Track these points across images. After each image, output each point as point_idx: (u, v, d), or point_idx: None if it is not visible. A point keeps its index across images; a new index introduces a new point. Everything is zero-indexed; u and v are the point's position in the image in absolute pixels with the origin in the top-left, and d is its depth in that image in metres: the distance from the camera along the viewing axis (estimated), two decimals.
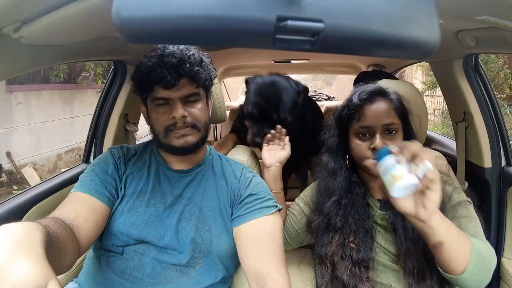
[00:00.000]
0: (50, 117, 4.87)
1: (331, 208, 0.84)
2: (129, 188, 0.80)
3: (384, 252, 0.81)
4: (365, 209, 0.83)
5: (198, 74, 0.76)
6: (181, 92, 0.76)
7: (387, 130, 0.78)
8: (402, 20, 0.34)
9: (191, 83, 0.77)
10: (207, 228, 0.78)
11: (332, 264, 0.82)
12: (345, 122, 0.83)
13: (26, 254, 0.37)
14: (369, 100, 0.79)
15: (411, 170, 0.63)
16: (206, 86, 0.82)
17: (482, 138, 1.17)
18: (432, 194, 0.63)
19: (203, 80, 0.78)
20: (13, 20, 0.59)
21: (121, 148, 0.87)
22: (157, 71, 0.73)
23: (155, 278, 0.74)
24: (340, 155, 0.87)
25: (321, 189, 0.89)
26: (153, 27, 0.30)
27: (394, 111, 0.79)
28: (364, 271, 0.78)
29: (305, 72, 4.64)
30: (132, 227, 0.75)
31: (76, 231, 0.64)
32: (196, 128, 0.79)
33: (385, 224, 0.81)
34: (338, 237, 0.82)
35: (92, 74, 5.52)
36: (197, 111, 0.79)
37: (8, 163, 4.25)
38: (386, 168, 0.65)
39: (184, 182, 0.82)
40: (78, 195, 0.74)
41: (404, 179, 0.62)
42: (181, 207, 0.79)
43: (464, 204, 0.80)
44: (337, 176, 0.85)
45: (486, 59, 4.77)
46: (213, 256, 0.77)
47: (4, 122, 4.16)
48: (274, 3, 0.30)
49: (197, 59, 0.77)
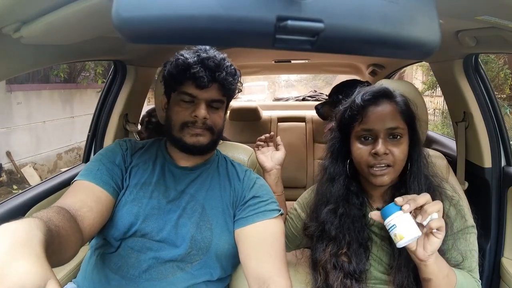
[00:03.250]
0: (50, 116, 4.87)
1: (326, 216, 0.82)
2: (133, 179, 0.81)
3: (379, 263, 0.80)
4: (361, 221, 0.80)
5: (229, 84, 0.80)
6: (209, 95, 0.79)
7: (391, 134, 0.73)
8: (402, 20, 0.34)
9: (220, 90, 0.80)
10: (208, 227, 0.79)
11: (325, 272, 0.81)
12: (347, 124, 0.78)
13: (25, 254, 0.37)
14: (373, 101, 0.75)
15: (417, 219, 0.65)
16: (229, 97, 0.86)
17: (482, 138, 1.17)
18: (434, 239, 0.64)
19: (231, 90, 0.83)
20: (13, 20, 0.59)
21: (129, 140, 0.89)
22: (195, 68, 0.75)
23: (151, 274, 0.74)
24: (340, 160, 0.83)
25: (319, 194, 0.86)
26: (153, 27, 0.30)
27: (399, 114, 0.75)
28: (355, 284, 0.77)
29: (305, 72, 4.65)
30: (134, 217, 0.76)
31: (80, 220, 0.65)
32: (211, 131, 0.81)
33: (382, 234, 0.80)
34: (332, 247, 0.80)
35: (92, 73, 5.53)
36: (217, 117, 0.82)
37: (8, 163, 4.25)
38: (389, 227, 0.66)
39: (188, 178, 0.83)
40: (84, 184, 0.74)
41: (406, 238, 0.64)
42: (184, 203, 0.80)
43: (466, 232, 0.77)
44: (336, 183, 0.82)
45: (486, 59, 4.77)
46: (211, 254, 0.78)
47: (4, 121, 4.17)
48: (274, 3, 0.30)
49: (232, 70, 0.81)
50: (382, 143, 0.72)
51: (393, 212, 0.65)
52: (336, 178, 0.83)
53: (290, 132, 2.21)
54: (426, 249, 0.65)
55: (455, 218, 0.77)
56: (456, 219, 0.77)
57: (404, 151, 0.74)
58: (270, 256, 0.75)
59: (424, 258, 0.65)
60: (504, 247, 1.14)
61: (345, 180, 0.82)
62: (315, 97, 3.31)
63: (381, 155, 0.72)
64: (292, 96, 3.70)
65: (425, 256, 0.65)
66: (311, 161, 2.15)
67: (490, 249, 1.15)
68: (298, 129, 2.24)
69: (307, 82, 15.99)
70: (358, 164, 0.77)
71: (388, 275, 0.78)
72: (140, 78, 1.28)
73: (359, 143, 0.76)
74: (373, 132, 0.74)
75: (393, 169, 0.74)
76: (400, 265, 0.74)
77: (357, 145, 0.76)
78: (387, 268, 0.78)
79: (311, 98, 3.29)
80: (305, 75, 14.27)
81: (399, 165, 0.74)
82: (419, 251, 0.65)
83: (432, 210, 0.64)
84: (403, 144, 0.74)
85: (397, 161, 0.73)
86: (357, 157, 0.76)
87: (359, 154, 0.75)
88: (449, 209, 0.77)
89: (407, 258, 0.73)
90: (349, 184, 0.82)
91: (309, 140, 2.20)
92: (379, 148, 0.72)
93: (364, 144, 0.75)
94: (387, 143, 0.73)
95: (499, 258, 1.14)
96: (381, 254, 0.79)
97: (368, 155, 0.74)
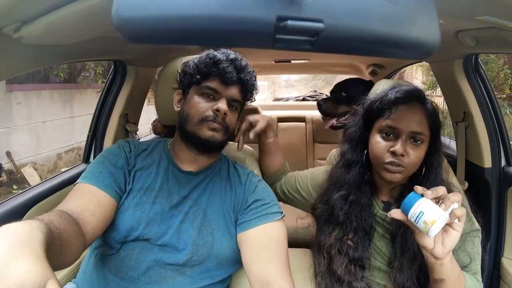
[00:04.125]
0: (50, 116, 4.87)
1: (337, 201, 0.83)
2: (137, 183, 0.80)
3: (379, 254, 0.80)
4: (369, 209, 0.81)
5: (251, 87, 0.84)
6: (231, 93, 0.81)
7: (413, 137, 0.74)
8: (402, 20, 0.34)
9: (241, 92, 0.83)
10: (210, 231, 0.78)
11: (329, 256, 0.81)
12: (373, 115, 0.79)
13: (25, 254, 0.37)
14: (404, 100, 0.74)
15: (441, 207, 0.63)
16: (245, 101, 0.88)
17: (482, 138, 1.17)
18: (454, 233, 0.63)
19: (249, 94, 0.87)
20: (13, 20, 0.59)
21: (132, 142, 0.88)
22: (224, 64, 0.78)
23: (150, 277, 0.74)
24: (360, 149, 0.84)
25: (333, 178, 0.87)
26: (153, 27, 0.30)
27: (426, 120, 0.74)
28: (359, 270, 0.77)
29: (305, 72, 4.64)
30: (136, 222, 0.75)
31: (82, 224, 0.64)
32: (226, 130, 0.81)
33: (385, 225, 0.81)
34: (338, 231, 0.81)
35: (92, 73, 5.53)
36: (232, 117, 0.84)
37: (8, 163, 4.25)
38: (416, 217, 0.63)
39: (192, 184, 0.83)
40: (87, 188, 0.73)
41: (437, 222, 0.61)
42: (186, 208, 0.79)
43: (473, 235, 0.77)
44: (351, 170, 0.83)
45: (486, 59, 4.77)
46: (213, 259, 0.77)
47: (4, 121, 4.16)
48: (274, 3, 0.30)
49: (253, 76, 0.85)
50: (402, 144, 0.73)
51: (416, 201, 0.64)
52: (352, 165, 0.83)
53: (290, 132, 2.21)
54: (445, 244, 0.63)
55: None
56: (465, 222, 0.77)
57: (420, 156, 0.75)
58: (273, 258, 0.75)
59: (442, 256, 0.64)
60: (504, 247, 1.14)
61: (361, 168, 0.82)
62: (315, 97, 3.31)
63: (398, 155, 0.72)
64: (292, 96, 3.70)
65: (443, 253, 0.64)
66: (311, 161, 2.15)
67: (490, 249, 1.15)
68: (298, 129, 2.24)
69: (307, 82, 15.99)
70: (373, 157, 0.78)
71: (386, 266, 0.79)
72: (140, 78, 1.28)
73: (380, 137, 0.76)
74: (396, 131, 0.74)
75: (406, 170, 0.74)
76: (402, 265, 0.74)
77: (377, 139, 0.77)
78: (386, 261, 0.79)
79: (311, 98, 3.30)
80: (305, 75, 14.25)
81: (412, 168, 0.75)
82: (437, 249, 0.64)
83: (454, 199, 0.63)
84: (422, 149, 0.74)
85: (410, 164, 0.74)
86: (374, 150, 0.77)
87: (377, 147, 0.76)
88: None
89: (410, 259, 0.73)
90: (364, 173, 0.82)
91: (309, 140, 2.20)
92: (397, 148, 0.72)
93: (385, 140, 0.76)
94: (407, 144, 0.73)
95: (499, 258, 1.14)
96: (381, 245, 0.80)
97: (386, 151, 0.74)
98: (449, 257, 0.65)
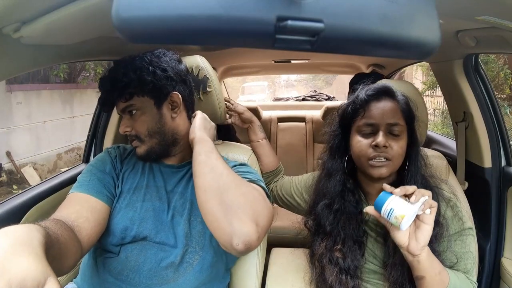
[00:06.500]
0: (50, 116, 4.88)
1: (321, 211, 0.83)
2: (125, 184, 0.82)
3: (374, 257, 0.81)
4: (357, 218, 0.81)
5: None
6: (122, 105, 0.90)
7: (391, 130, 0.76)
8: (402, 20, 0.34)
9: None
10: (200, 220, 0.78)
11: (321, 265, 0.82)
12: (349, 118, 0.81)
13: (26, 253, 0.38)
14: (375, 97, 0.78)
15: (411, 200, 0.67)
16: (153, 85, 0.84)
17: (482, 138, 1.17)
18: (425, 226, 0.66)
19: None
20: (13, 20, 0.59)
21: (117, 147, 0.90)
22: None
23: (151, 279, 0.74)
24: (339, 156, 0.85)
25: (318, 187, 0.88)
26: (153, 27, 0.30)
27: (400, 112, 0.77)
28: (350, 279, 0.78)
29: (305, 72, 4.65)
30: (130, 222, 0.76)
31: (78, 231, 0.64)
32: (139, 139, 0.82)
33: (378, 230, 0.81)
34: (327, 242, 0.82)
35: (92, 73, 5.53)
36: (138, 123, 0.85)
37: (8, 163, 4.25)
38: (388, 213, 0.68)
39: (176, 177, 0.84)
40: (78, 196, 0.74)
41: (407, 216, 0.65)
42: (174, 202, 0.80)
43: (464, 234, 0.77)
44: (332, 178, 0.84)
45: (486, 59, 4.77)
46: (209, 248, 0.77)
47: (4, 121, 4.17)
48: (274, 3, 0.30)
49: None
50: (382, 136, 0.75)
51: (387, 199, 0.68)
52: (333, 174, 0.84)
53: (290, 132, 2.22)
54: (418, 240, 0.67)
55: (451, 220, 0.77)
56: (453, 221, 0.77)
57: (403, 147, 0.77)
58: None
59: (418, 252, 0.66)
60: (504, 247, 1.14)
61: (342, 176, 0.83)
62: (315, 97, 3.31)
63: (381, 147, 0.74)
64: (292, 96, 3.70)
65: (418, 249, 0.66)
66: (311, 161, 2.15)
67: (490, 249, 1.15)
68: (298, 129, 2.24)
69: (307, 82, 15.99)
70: (357, 157, 0.79)
71: (383, 269, 0.79)
72: None
73: (360, 136, 0.78)
74: (374, 126, 0.76)
75: (392, 163, 0.76)
76: (395, 263, 0.75)
77: (358, 138, 0.78)
78: (382, 263, 0.79)
79: (311, 98, 3.29)
80: (305, 75, 14.26)
81: (397, 160, 0.76)
82: (412, 245, 0.67)
83: (423, 193, 0.67)
84: (402, 140, 0.77)
85: (395, 156, 0.75)
86: (357, 150, 0.78)
87: (359, 146, 0.77)
88: (445, 210, 0.78)
89: (401, 255, 0.74)
90: (345, 180, 0.83)
91: (309, 140, 2.20)
92: (379, 140, 0.74)
93: (365, 137, 0.77)
94: (387, 137, 0.75)
95: (499, 258, 1.14)
96: (376, 249, 0.80)
97: (368, 148, 0.76)
98: (424, 254, 0.67)
